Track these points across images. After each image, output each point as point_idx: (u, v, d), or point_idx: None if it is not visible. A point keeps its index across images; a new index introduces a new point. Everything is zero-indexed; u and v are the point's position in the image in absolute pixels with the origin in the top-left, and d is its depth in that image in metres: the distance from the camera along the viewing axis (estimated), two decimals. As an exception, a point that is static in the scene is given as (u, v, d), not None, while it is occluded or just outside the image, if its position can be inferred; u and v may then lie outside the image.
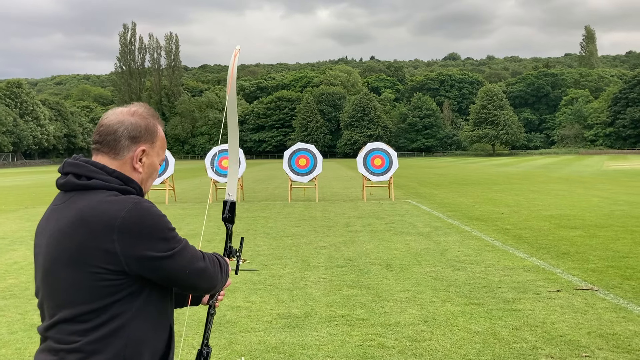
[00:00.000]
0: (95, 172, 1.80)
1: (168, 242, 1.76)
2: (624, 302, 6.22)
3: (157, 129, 1.93)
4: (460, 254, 9.19)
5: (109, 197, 1.75)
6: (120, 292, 1.73)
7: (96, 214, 1.71)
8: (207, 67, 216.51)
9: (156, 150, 1.93)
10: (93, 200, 1.75)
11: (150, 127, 1.90)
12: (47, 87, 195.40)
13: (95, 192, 1.78)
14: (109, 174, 1.81)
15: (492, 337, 5.17)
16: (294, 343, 5.11)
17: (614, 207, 15.33)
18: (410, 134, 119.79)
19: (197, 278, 1.85)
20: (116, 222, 1.69)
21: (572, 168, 43.30)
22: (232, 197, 2.32)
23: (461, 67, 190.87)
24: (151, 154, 1.91)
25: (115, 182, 1.80)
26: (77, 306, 1.73)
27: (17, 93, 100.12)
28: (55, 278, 1.77)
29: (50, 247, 1.78)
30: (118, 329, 1.73)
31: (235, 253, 2.30)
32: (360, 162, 19.64)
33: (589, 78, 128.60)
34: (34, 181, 37.95)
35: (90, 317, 1.73)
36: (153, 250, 1.72)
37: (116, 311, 1.74)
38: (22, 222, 14.28)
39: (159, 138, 1.94)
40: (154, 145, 1.91)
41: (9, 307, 6.40)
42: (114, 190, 1.79)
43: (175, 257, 1.77)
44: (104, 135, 1.84)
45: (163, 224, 1.76)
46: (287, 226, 12.87)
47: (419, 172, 40.76)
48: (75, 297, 1.74)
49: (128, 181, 1.84)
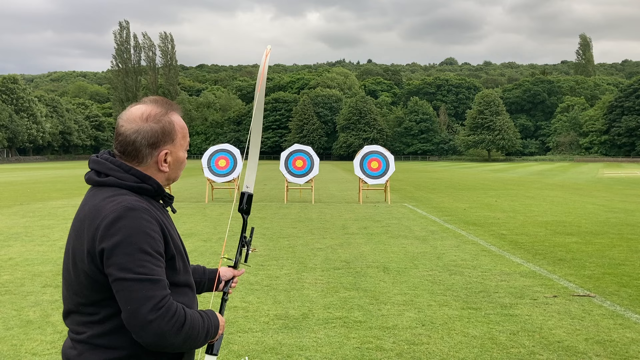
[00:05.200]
0: (112, 169, 1.83)
1: (128, 261, 1.65)
2: (621, 309, 6.23)
3: (173, 125, 1.91)
4: (457, 258, 9.19)
5: (111, 197, 1.77)
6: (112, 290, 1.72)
7: (94, 212, 1.75)
8: (205, 66, 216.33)
9: (178, 145, 1.93)
10: (100, 197, 1.79)
11: (167, 128, 1.88)
12: (43, 83, 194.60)
13: (107, 189, 1.81)
14: (125, 171, 1.83)
15: (489, 342, 5.16)
16: (291, 344, 5.10)
17: (610, 215, 15.37)
18: (406, 138, 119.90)
19: (133, 322, 1.65)
20: (102, 223, 1.70)
21: (567, 175, 43.43)
22: (250, 190, 2.35)
23: (458, 72, 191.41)
24: (174, 151, 1.92)
25: (131, 180, 1.82)
26: (80, 297, 1.78)
27: (13, 89, 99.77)
28: (67, 268, 1.85)
29: (70, 237, 1.85)
30: (122, 326, 1.72)
31: (249, 243, 2.32)
32: (357, 164, 19.62)
33: (585, 85, 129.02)
34: (29, 177, 37.77)
35: (93, 310, 1.76)
36: (114, 263, 1.66)
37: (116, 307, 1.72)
38: (16, 218, 14.21)
39: (179, 132, 1.93)
40: (175, 143, 1.91)
41: (4, 304, 6.36)
42: (127, 188, 1.81)
43: (123, 282, 1.65)
44: (124, 146, 1.87)
45: (139, 242, 1.67)
46: (283, 227, 12.85)
47: (415, 176, 40.80)
48: (78, 287, 1.79)
49: (145, 178, 1.85)
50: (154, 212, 1.80)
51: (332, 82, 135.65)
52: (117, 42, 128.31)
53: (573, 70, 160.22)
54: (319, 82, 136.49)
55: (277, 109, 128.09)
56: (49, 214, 15.19)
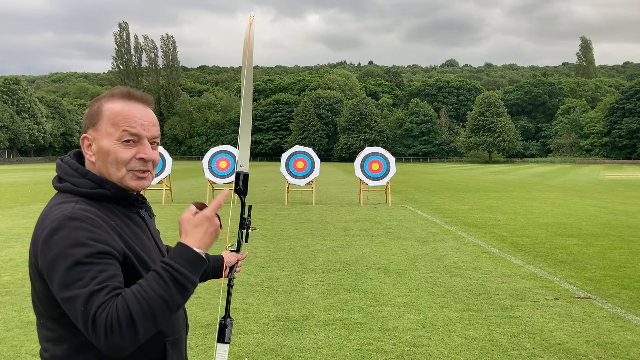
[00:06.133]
0: (69, 174, 1.68)
1: (66, 276, 1.47)
2: (622, 312, 6.22)
3: (100, 109, 1.68)
4: (458, 260, 9.18)
5: (58, 204, 1.61)
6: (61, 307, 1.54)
7: (40, 221, 1.60)
8: (206, 68, 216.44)
9: (103, 131, 1.67)
10: (50, 204, 1.65)
11: (93, 110, 1.69)
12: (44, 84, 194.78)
13: (62, 195, 1.66)
14: (82, 175, 1.67)
15: (490, 344, 5.16)
16: (291, 346, 5.09)
17: (611, 217, 15.36)
18: (407, 139, 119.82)
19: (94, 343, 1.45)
20: (41, 236, 1.54)
21: (568, 177, 43.40)
22: (245, 169, 2.21)
23: (459, 73, 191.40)
24: (97, 138, 1.67)
25: (86, 186, 1.65)
26: (38, 310, 1.65)
27: (15, 90, 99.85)
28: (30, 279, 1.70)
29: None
30: (83, 346, 1.56)
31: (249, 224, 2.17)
32: (358, 166, 19.61)
33: (586, 87, 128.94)
34: (30, 178, 37.79)
35: (51, 326, 1.61)
36: (54, 280, 1.49)
37: (72, 326, 1.54)
38: (18, 219, 14.22)
39: (104, 117, 1.67)
40: (97, 128, 1.68)
41: (4, 304, 6.36)
42: (82, 195, 1.63)
43: (66, 303, 1.48)
44: None
45: (74, 252, 1.48)
46: (284, 229, 12.84)
47: (416, 178, 40.78)
48: (35, 298, 1.64)
49: (102, 183, 1.66)
50: (106, 219, 1.61)
51: (333, 83, 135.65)
52: (117, 44, 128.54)
53: (574, 72, 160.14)
54: (320, 83, 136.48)
55: (278, 111, 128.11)
56: (50, 214, 15.19)
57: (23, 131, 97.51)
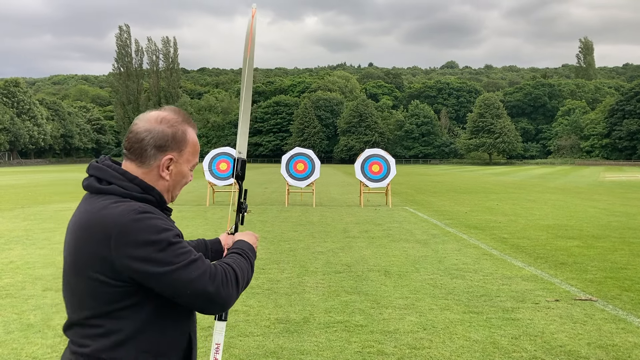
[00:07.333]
0: (116, 177, 1.79)
1: (165, 255, 1.67)
2: (623, 314, 6.21)
3: (186, 136, 1.89)
4: (459, 262, 9.17)
5: (114, 203, 1.72)
6: (124, 300, 1.71)
7: (98, 220, 1.70)
8: (206, 70, 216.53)
9: (185, 157, 1.89)
10: (100, 204, 1.74)
11: (179, 135, 1.86)
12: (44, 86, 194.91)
13: (109, 197, 1.76)
14: (129, 180, 1.80)
15: (491, 346, 5.14)
16: (292, 348, 5.08)
17: (611, 218, 15.35)
18: (407, 141, 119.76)
19: (200, 302, 1.73)
20: (114, 230, 1.66)
21: (568, 178, 43.39)
22: (243, 155, 2.34)
23: (459, 75, 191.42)
24: (179, 162, 1.88)
25: (134, 190, 1.79)
26: (83, 310, 1.75)
27: (15, 92, 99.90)
28: (67, 280, 1.80)
29: (67, 247, 1.81)
30: (127, 340, 1.72)
31: (246, 208, 2.34)
32: (358, 168, 19.61)
33: (586, 89, 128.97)
34: (30, 180, 37.79)
35: (97, 323, 1.72)
36: (147, 262, 1.66)
37: (124, 318, 1.72)
38: (18, 222, 14.21)
39: (189, 144, 1.90)
40: (182, 153, 1.88)
41: (5, 307, 6.35)
42: (130, 197, 1.77)
43: (172, 274, 1.67)
44: (132, 142, 1.83)
45: (163, 235, 1.69)
46: (285, 231, 12.83)
47: (416, 180, 40.77)
48: (81, 302, 1.75)
49: (148, 189, 1.82)
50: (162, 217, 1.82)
51: (334, 85, 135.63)
52: (118, 46, 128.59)
53: (574, 74, 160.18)
54: (320, 85, 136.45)
55: (278, 112, 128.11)
56: (50, 217, 15.19)
57: (23, 133, 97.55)
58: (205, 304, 1.73)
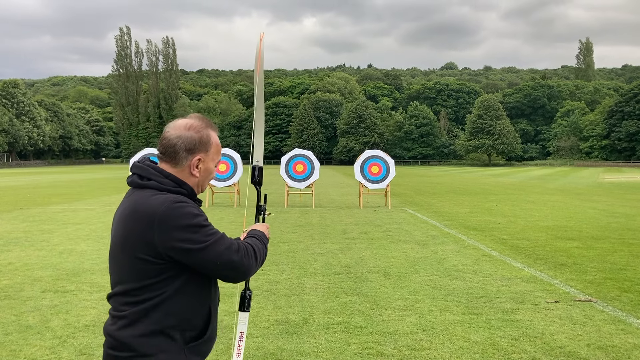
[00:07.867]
0: (154, 174, 2.16)
1: (200, 235, 2.05)
2: (623, 315, 6.20)
3: (210, 139, 2.25)
4: (458, 263, 9.16)
5: (153, 195, 2.09)
6: (160, 275, 2.08)
7: (142, 208, 2.07)
8: (205, 71, 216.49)
9: (211, 156, 2.27)
10: (144, 196, 2.11)
11: (204, 138, 2.23)
12: (43, 88, 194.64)
13: (149, 190, 2.13)
14: (165, 177, 2.16)
15: (491, 347, 5.14)
16: (292, 350, 5.07)
17: (611, 219, 15.35)
18: (406, 142, 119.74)
19: (227, 270, 2.13)
20: (156, 216, 2.03)
21: (567, 179, 43.42)
22: (260, 163, 2.79)
23: (458, 76, 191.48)
24: (206, 160, 2.25)
25: (169, 184, 2.15)
26: (127, 283, 2.12)
27: (14, 93, 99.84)
28: (115, 258, 2.18)
29: (115, 231, 2.18)
30: (159, 304, 2.09)
31: (264, 210, 2.75)
32: (358, 169, 19.60)
33: (585, 90, 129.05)
34: (29, 182, 37.75)
35: (137, 293, 2.09)
36: (186, 242, 2.03)
37: (158, 289, 2.09)
38: (16, 223, 14.19)
39: (213, 145, 2.27)
40: (208, 153, 2.25)
41: (3, 309, 6.33)
42: (167, 190, 2.13)
43: (206, 250, 2.06)
44: (165, 147, 2.20)
45: (196, 219, 2.06)
46: (284, 232, 12.83)
47: (415, 181, 40.77)
48: (126, 276, 2.12)
49: (181, 184, 2.18)
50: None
51: (333, 86, 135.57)
52: (117, 47, 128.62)
53: (573, 75, 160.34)
54: (320, 86, 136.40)
55: (278, 114, 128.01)
56: (49, 218, 15.17)
57: (22, 134, 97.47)
58: (231, 273, 2.14)
